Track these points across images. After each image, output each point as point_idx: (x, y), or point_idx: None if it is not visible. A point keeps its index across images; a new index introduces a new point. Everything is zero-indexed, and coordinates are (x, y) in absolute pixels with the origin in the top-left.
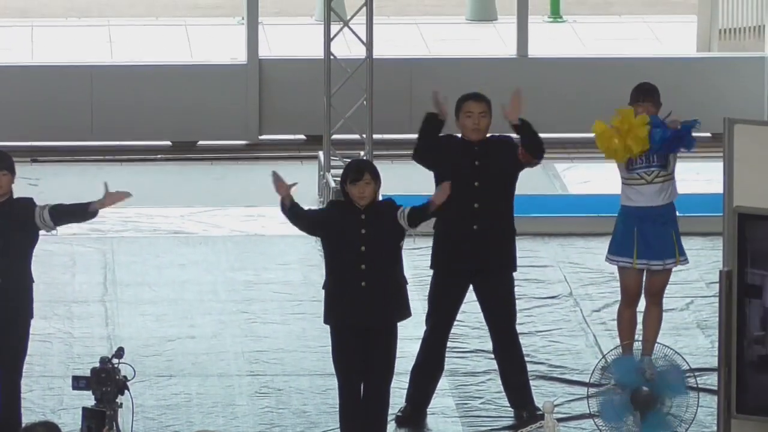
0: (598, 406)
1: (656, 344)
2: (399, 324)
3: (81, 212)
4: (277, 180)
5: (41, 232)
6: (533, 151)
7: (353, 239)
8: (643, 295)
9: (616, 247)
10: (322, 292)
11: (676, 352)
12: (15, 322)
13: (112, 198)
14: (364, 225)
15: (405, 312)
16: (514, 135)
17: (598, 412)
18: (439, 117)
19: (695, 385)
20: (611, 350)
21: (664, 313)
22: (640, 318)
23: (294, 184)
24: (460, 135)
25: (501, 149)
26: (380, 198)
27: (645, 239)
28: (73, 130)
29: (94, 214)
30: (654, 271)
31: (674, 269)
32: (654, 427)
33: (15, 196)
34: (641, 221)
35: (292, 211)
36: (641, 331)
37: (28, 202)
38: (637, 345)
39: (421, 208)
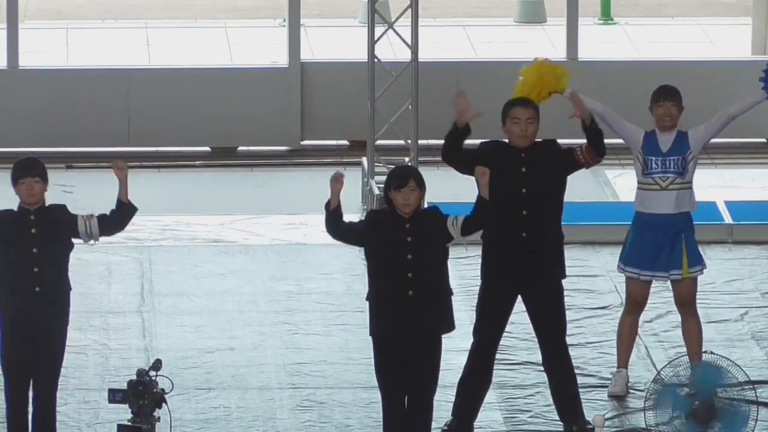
0: (657, 397)
1: (713, 354)
2: (445, 336)
3: (121, 209)
4: (336, 179)
5: (78, 240)
6: (600, 148)
7: (399, 247)
8: (677, 309)
9: (626, 255)
10: (366, 303)
11: (733, 362)
12: (52, 330)
13: (120, 173)
14: (409, 233)
15: (449, 324)
16: (562, 140)
17: (655, 403)
18: (459, 128)
19: (753, 398)
20: (660, 370)
21: (718, 324)
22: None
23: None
24: (507, 140)
25: (548, 154)
26: (425, 206)
27: (654, 249)
28: (110, 135)
29: (127, 202)
30: (675, 282)
31: (721, 280)
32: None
33: (48, 203)
34: (651, 229)
35: (335, 215)
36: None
37: (62, 209)
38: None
39: (474, 215)
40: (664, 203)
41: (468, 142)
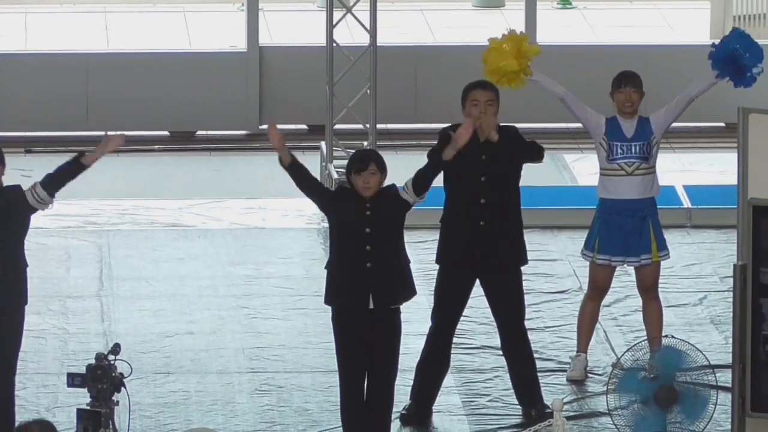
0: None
1: (673, 338)
2: (404, 320)
3: (74, 167)
4: (272, 129)
5: (36, 214)
6: (535, 159)
7: (359, 219)
8: (638, 294)
9: (593, 242)
10: (324, 281)
11: (694, 346)
12: (10, 311)
13: (109, 144)
14: (368, 207)
15: (409, 292)
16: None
17: (626, 424)
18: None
19: (712, 383)
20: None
21: (677, 309)
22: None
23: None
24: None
25: (507, 140)
26: None
27: (623, 235)
28: (69, 120)
29: (87, 166)
30: (640, 267)
31: (680, 264)
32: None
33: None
34: (619, 215)
35: (293, 171)
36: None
37: (16, 189)
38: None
39: (426, 166)
40: (629, 189)
41: (428, 126)
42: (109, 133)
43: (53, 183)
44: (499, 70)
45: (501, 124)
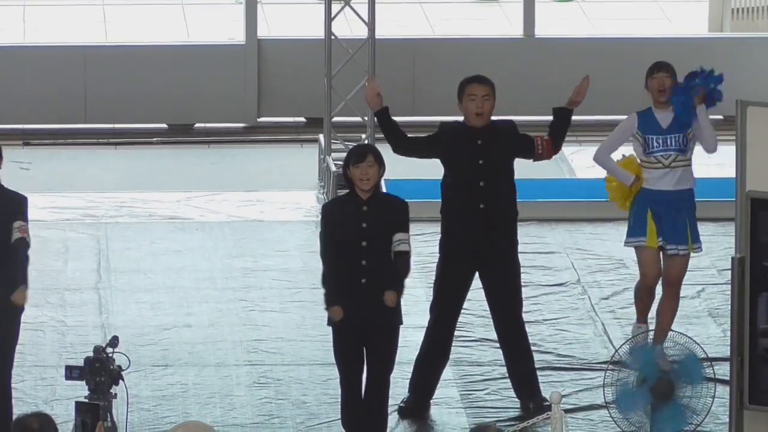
0: (614, 395)
1: (672, 331)
2: (403, 313)
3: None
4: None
5: (35, 207)
6: (559, 142)
7: (355, 218)
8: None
9: (632, 230)
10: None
11: (692, 339)
12: (6, 302)
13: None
14: (365, 219)
15: (398, 318)
16: (518, 118)
17: (614, 401)
18: (380, 113)
19: (710, 376)
20: (626, 341)
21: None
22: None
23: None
24: (461, 119)
25: (505, 133)
26: (384, 190)
27: (659, 222)
28: (67, 112)
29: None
30: (670, 257)
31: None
32: (668, 420)
33: (5, 184)
34: (656, 204)
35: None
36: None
37: (21, 200)
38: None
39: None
40: (667, 181)
41: (426, 119)
42: None
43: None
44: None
45: (503, 118)
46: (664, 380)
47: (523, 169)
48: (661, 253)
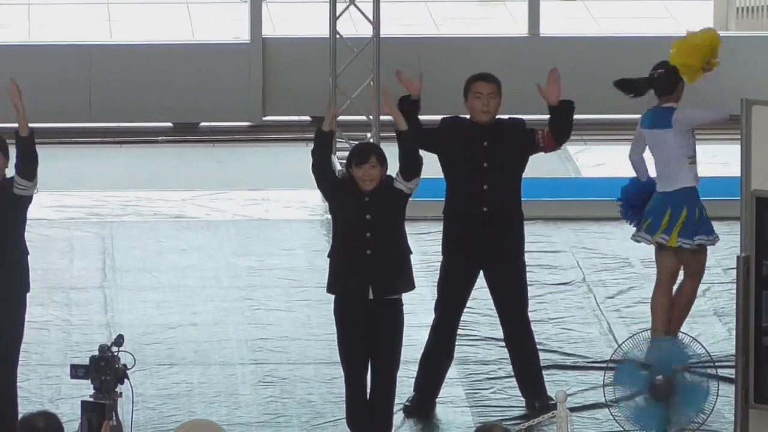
0: (623, 411)
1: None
2: (407, 311)
3: (22, 144)
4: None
5: (39, 206)
6: (559, 136)
7: (359, 207)
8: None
9: (651, 227)
10: (327, 272)
11: (694, 339)
12: (11, 298)
13: (14, 98)
14: (368, 194)
15: (409, 283)
16: (524, 116)
17: (626, 417)
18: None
19: (714, 374)
20: (621, 342)
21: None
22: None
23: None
24: (468, 117)
25: (512, 132)
26: None
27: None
28: (72, 111)
29: (25, 135)
30: (686, 251)
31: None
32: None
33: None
34: (665, 202)
35: (326, 139)
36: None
37: (7, 182)
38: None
39: (399, 147)
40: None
41: (429, 117)
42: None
43: (22, 167)
44: (683, 65)
45: (512, 117)
46: (669, 382)
47: (528, 167)
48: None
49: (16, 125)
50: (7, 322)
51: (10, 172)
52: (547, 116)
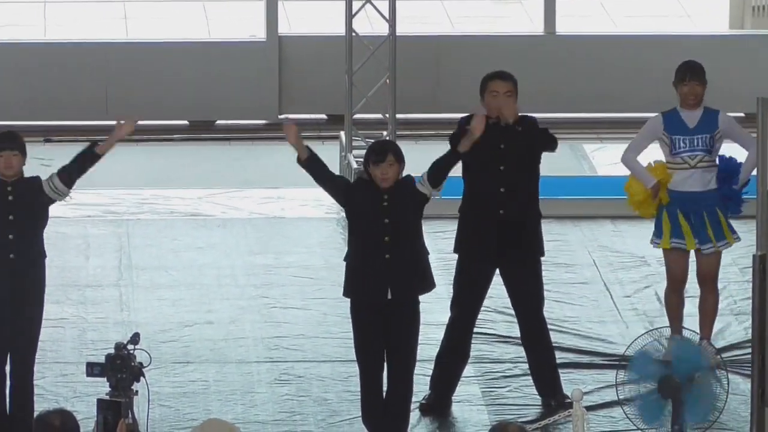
0: (635, 409)
1: (684, 329)
2: (424, 310)
3: (89, 157)
4: (288, 128)
5: (56, 204)
6: (548, 148)
7: (376, 210)
8: (697, 284)
9: (659, 230)
10: (343, 271)
11: (699, 335)
12: (28, 298)
13: (120, 131)
14: (387, 200)
15: (428, 284)
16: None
17: (637, 415)
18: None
19: (725, 371)
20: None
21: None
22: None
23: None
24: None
25: (526, 130)
26: None
27: (689, 222)
28: (88, 109)
29: (101, 155)
30: (702, 255)
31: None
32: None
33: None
34: (683, 204)
35: (310, 166)
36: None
37: (35, 180)
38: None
39: (442, 157)
40: (693, 181)
41: (446, 116)
42: (120, 120)
43: (69, 174)
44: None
45: (519, 114)
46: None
47: (544, 166)
48: (691, 253)
49: (33, 123)
50: (24, 323)
51: (26, 168)
52: (562, 114)
